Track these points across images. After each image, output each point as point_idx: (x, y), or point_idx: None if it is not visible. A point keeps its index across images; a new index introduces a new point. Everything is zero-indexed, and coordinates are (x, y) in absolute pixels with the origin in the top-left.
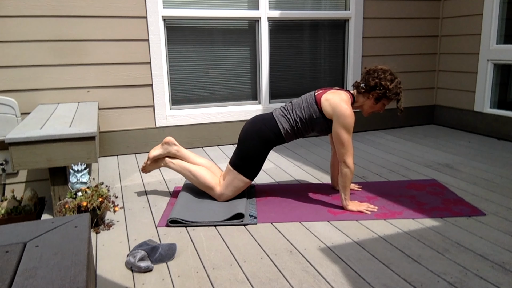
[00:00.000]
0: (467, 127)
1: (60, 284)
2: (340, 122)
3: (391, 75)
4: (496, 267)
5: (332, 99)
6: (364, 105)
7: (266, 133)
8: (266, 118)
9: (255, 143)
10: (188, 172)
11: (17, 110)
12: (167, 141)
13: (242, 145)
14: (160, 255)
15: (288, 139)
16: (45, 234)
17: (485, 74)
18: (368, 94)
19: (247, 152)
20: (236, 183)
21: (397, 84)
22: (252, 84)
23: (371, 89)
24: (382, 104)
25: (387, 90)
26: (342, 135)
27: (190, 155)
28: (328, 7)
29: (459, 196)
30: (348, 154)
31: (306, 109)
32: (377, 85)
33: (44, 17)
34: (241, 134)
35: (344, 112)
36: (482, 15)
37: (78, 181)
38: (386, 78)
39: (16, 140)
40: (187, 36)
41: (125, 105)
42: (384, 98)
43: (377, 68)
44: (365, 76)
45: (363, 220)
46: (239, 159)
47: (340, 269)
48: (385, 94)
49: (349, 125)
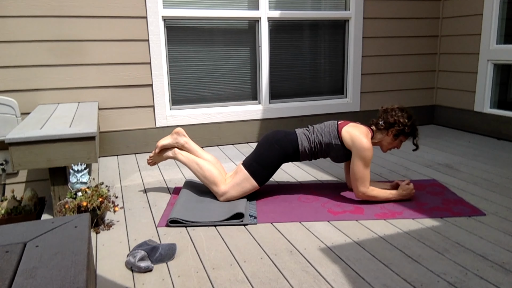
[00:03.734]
0: (467, 127)
1: (60, 284)
2: (359, 154)
3: (408, 113)
4: (496, 267)
5: (353, 131)
6: (383, 141)
7: (286, 145)
8: (288, 133)
9: (274, 151)
10: (195, 165)
11: (17, 110)
12: (177, 131)
13: (261, 149)
14: (160, 255)
15: (302, 158)
16: (45, 234)
17: (485, 74)
18: (386, 131)
19: (265, 157)
20: (244, 185)
21: (413, 122)
22: (252, 84)
23: (390, 126)
24: (400, 140)
25: (405, 126)
26: (359, 168)
27: (197, 149)
28: (328, 7)
29: (459, 196)
30: (364, 185)
31: (327, 134)
32: (395, 122)
33: (44, 17)
34: (261, 140)
35: (363, 145)
36: (482, 15)
37: (78, 181)
38: (404, 116)
39: (16, 140)
40: (187, 36)
41: (125, 105)
42: (402, 134)
43: (394, 107)
44: (383, 114)
45: (363, 220)
46: (255, 161)
47: (340, 269)
48: (403, 130)
49: (367, 158)
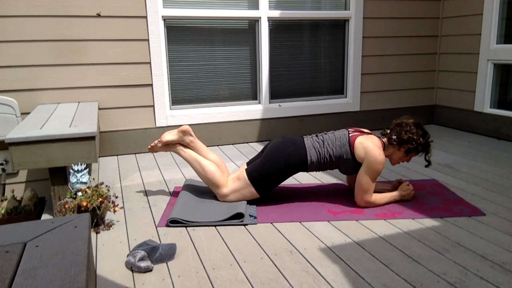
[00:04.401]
0: (467, 127)
1: (60, 284)
2: (370, 166)
3: (423, 130)
4: (496, 267)
5: (366, 143)
6: (393, 155)
7: (294, 159)
8: (297, 145)
9: (281, 165)
10: (197, 164)
11: (17, 110)
12: (183, 130)
13: (267, 163)
14: (160, 255)
15: (310, 170)
16: (45, 234)
17: (485, 74)
18: (399, 147)
19: (270, 172)
20: (245, 192)
21: (427, 139)
22: (252, 84)
23: (403, 143)
24: (411, 156)
25: (419, 145)
26: (368, 180)
27: (203, 148)
28: (328, 7)
29: (459, 196)
30: (366, 196)
31: (338, 148)
32: (409, 139)
33: (44, 17)
34: (268, 151)
35: (377, 158)
36: (482, 15)
37: (78, 181)
38: (418, 134)
39: (16, 140)
40: (187, 36)
41: (125, 105)
42: (414, 151)
43: (409, 122)
44: (396, 128)
45: (363, 220)
46: (260, 174)
47: (340, 269)
48: (416, 148)
49: (378, 171)
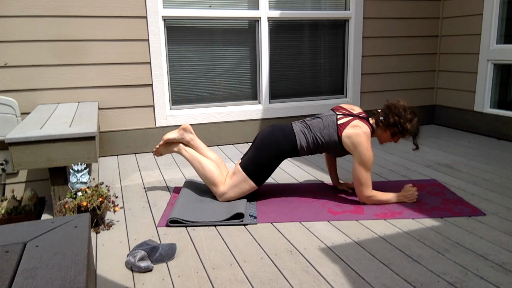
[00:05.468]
0: (467, 127)
1: (60, 284)
2: (360, 160)
3: (411, 114)
4: (496, 267)
5: (354, 138)
6: (381, 137)
7: (284, 145)
8: (286, 131)
9: (272, 153)
10: (198, 163)
11: (17, 110)
12: (184, 127)
13: (259, 150)
14: (160, 255)
15: (301, 154)
16: (45, 234)
17: (485, 74)
18: (385, 128)
19: (262, 159)
20: (243, 186)
21: (414, 124)
22: (252, 84)
23: (389, 125)
24: (398, 138)
25: (404, 130)
26: (362, 173)
27: (203, 147)
28: (328, 7)
29: (459, 196)
30: (367, 190)
31: (326, 137)
32: (395, 123)
33: (44, 17)
34: (258, 140)
35: (364, 152)
36: (482, 15)
37: (78, 181)
38: (405, 117)
39: (16, 140)
40: (187, 36)
41: (125, 105)
42: (400, 134)
43: (399, 105)
44: (386, 110)
45: (363, 220)
46: (253, 164)
47: (340, 269)
48: (401, 132)
49: (369, 163)
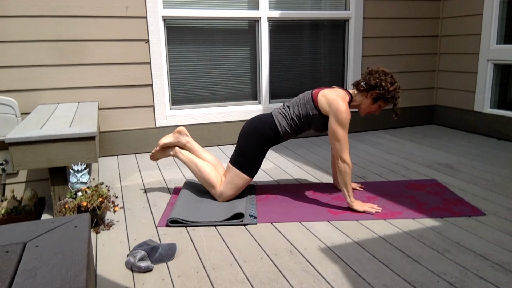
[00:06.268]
0: (467, 127)
1: (60, 284)
2: (336, 118)
3: (392, 78)
4: (496, 267)
5: (329, 95)
6: (362, 104)
7: (264, 130)
8: (264, 117)
9: (254, 139)
10: (194, 166)
11: (17, 110)
12: (179, 131)
13: (241, 141)
14: (160, 255)
15: (286, 137)
16: (45, 234)
17: (485, 74)
18: (366, 93)
19: (246, 149)
20: (236, 181)
21: (396, 88)
22: (252, 84)
23: (371, 88)
24: (379, 105)
25: (386, 91)
26: (338, 131)
27: (199, 149)
28: (328, 7)
29: (459, 196)
30: (344, 150)
31: (303, 106)
32: (377, 85)
33: (44, 17)
34: (240, 132)
35: (339, 108)
36: (482, 15)
37: (78, 181)
38: (386, 80)
39: (16, 140)
40: (187, 36)
41: (125, 105)
42: (382, 99)
43: (379, 70)
44: (367, 75)
45: (363, 220)
46: (239, 155)
47: (340, 269)
48: (383, 95)
49: (344, 120)
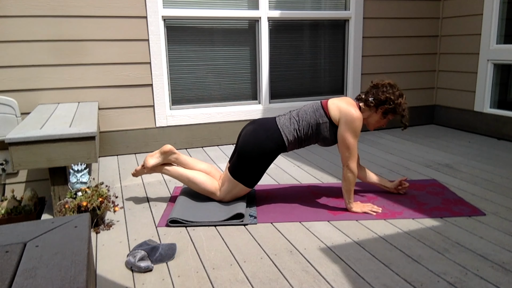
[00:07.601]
0: (467, 127)
1: (60, 284)
2: (348, 125)
3: (399, 90)
4: (496, 267)
5: (339, 103)
6: (370, 119)
7: (268, 145)
8: (269, 129)
9: (256, 157)
10: (185, 179)
11: (17, 110)
12: (165, 151)
13: (243, 156)
14: (160, 255)
15: (290, 149)
16: (45, 234)
17: (485, 74)
18: (376, 109)
19: (249, 166)
20: (236, 191)
21: (404, 100)
22: (252, 84)
23: (381, 104)
24: (387, 119)
25: (396, 105)
26: (349, 139)
27: (190, 161)
28: (328, 7)
29: (459, 196)
30: (352, 158)
31: (312, 114)
32: (387, 99)
33: (44, 17)
34: (241, 143)
35: (353, 115)
36: (482, 15)
37: (78, 181)
38: (395, 94)
39: (16, 140)
40: (187, 36)
41: (125, 105)
42: (391, 112)
43: (385, 83)
44: (373, 90)
45: (363, 220)
46: (241, 171)
47: (340, 269)
48: (394, 109)
49: (357, 128)
